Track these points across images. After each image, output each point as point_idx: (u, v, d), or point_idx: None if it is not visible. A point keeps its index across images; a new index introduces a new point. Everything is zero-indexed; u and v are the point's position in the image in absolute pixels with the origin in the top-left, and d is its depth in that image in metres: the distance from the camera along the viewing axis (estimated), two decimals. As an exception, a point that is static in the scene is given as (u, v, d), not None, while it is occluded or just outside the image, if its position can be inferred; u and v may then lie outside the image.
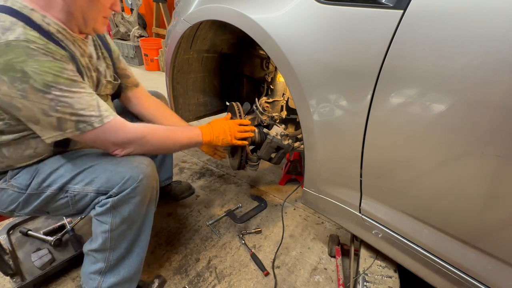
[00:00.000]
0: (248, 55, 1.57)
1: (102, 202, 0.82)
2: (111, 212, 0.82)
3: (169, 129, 0.95)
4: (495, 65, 0.54)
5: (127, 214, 0.83)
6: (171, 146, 0.96)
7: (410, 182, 0.76)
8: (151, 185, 0.86)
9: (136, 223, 0.88)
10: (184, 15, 1.19)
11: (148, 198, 0.87)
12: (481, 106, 0.58)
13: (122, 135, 0.81)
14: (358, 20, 0.71)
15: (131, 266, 0.93)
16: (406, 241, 0.81)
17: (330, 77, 0.79)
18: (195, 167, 1.90)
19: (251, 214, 1.50)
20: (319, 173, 0.96)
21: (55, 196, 0.83)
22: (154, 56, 3.87)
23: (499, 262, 0.66)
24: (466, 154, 0.63)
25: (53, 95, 0.68)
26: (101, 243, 0.85)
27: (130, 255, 0.92)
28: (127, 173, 0.81)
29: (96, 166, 0.82)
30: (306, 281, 1.17)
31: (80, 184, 0.81)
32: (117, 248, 0.88)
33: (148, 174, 0.84)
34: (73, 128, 0.73)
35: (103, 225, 0.84)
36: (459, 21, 0.57)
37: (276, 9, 0.86)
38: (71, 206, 0.84)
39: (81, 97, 0.72)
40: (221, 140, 1.07)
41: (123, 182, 0.80)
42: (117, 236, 0.85)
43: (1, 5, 0.68)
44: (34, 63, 0.65)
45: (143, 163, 0.85)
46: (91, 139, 0.77)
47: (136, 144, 0.84)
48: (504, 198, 0.61)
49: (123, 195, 0.81)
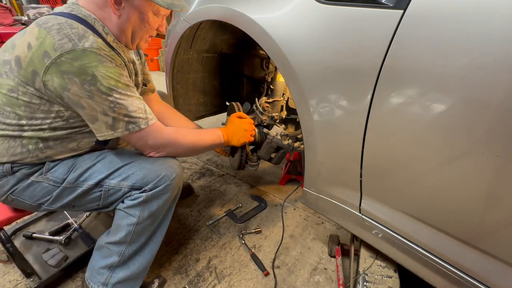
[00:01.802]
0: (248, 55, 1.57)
1: (134, 196, 0.86)
2: (142, 206, 0.87)
3: (196, 133, 1.00)
4: (495, 65, 0.54)
5: (155, 209, 0.89)
6: (199, 149, 1.01)
7: (410, 182, 0.76)
8: (179, 184, 0.95)
9: (158, 218, 0.94)
10: (184, 15, 1.19)
11: (174, 196, 0.95)
12: (481, 106, 0.58)
13: (161, 138, 0.87)
14: (358, 20, 0.71)
15: (142, 262, 0.96)
16: (406, 241, 0.81)
17: (330, 77, 0.79)
18: (195, 167, 1.90)
19: (251, 214, 1.50)
20: (319, 173, 0.96)
21: (89, 190, 0.87)
22: (154, 56, 3.87)
23: (499, 262, 0.66)
24: (466, 154, 0.63)
25: (113, 97, 0.75)
26: (123, 235, 0.89)
27: (143, 250, 0.96)
28: (162, 171, 0.88)
29: (133, 164, 0.88)
30: (306, 281, 1.17)
31: (116, 180, 0.86)
32: (135, 242, 0.92)
33: (179, 173, 0.93)
34: (123, 128, 0.79)
35: (130, 217, 0.87)
36: (459, 21, 0.57)
37: (276, 9, 0.86)
38: (101, 200, 0.88)
39: (133, 101, 0.80)
40: (238, 140, 1.10)
41: (159, 179, 0.86)
42: (140, 230, 0.90)
43: (67, 12, 0.76)
44: (102, 68, 0.73)
45: (176, 164, 0.93)
46: (136, 139, 0.84)
47: (170, 147, 0.91)
48: (504, 198, 0.61)
49: (157, 191, 0.87)
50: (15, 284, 1.09)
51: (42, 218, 1.37)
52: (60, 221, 1.34)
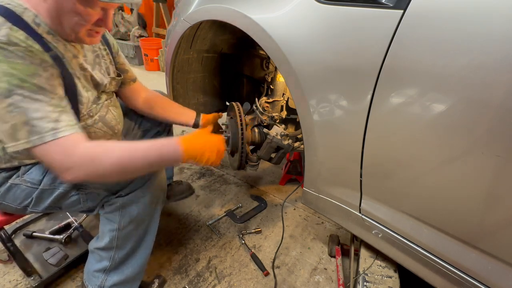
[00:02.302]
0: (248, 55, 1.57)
1: (111, 201, 0.83)
2: (120, 211, 0.83)
3: (132, 146, 0.74)
4: (495, 65, 0.54)
5: (136, 214, 0.85)
6: (133, 169, 0.74)
7: (410, 182, 0.76)
8: (160, 185, 0.88)
9: (144, 223, 0.89)
10: (184, 15, 1.19)
11: (156, 199, 0.89)
12: (481, 106, 0.58)
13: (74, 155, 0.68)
14: (358, 20, 0.71)
15: (135, 266, 0.93)
16: (406, 241, 0.81)
17: (330, 77, 0.79)
18: (195, 167, 1.90)
19: (251, 214, 1.50)
20: (319, 173, 0.96)
21: (67, 193, 0.83)
22: (154, 56, 3.87)
23: (499, 262, 0.66)
24: (466, 154, 0.63)
25: (12, 99, 0.62)
26: (108, 241, 0.86)
27: (135, 254, 0.93)
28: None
29: None
30: (306, 281, 1.17)
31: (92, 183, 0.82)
32: (123, 247, 0.89)
33: (156, 174, 0.86)
34: (25, 139, 0.64)
35: (111, 223, 0.85)
36: (459, 21, 0.57)
37: (276, 9, 0.86)
38: (82, 203, 0.85)
39: (41, 106, 0.65)
40: (206, 160, 0.84)
41: (134, 182, 0.82)
42: (124, 235, 0.86)
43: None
44: (5, 64, 0.62)
45: None
46: (41, 154, 0.67)
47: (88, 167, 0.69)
48: (504, 198, 0.61)
49: (133, 195, 0.82)
50: (15, 284, 1.09)
51: (42, 217, 1.37)
52: (61, 220, 1.34)
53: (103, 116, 0.92)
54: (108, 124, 0.93)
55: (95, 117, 0.88)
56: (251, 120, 1.35)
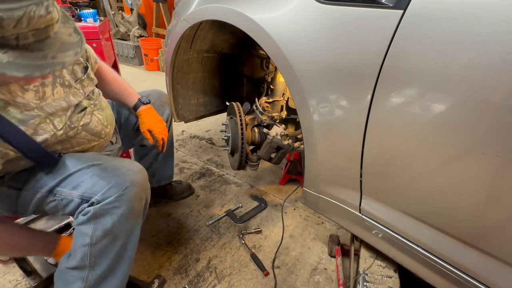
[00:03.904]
0: (248, 55, 1.57)
1: (85, 211, 0.74)
2: (93, 222, 0.74)
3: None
4: (495, 65, 0.54)
5: (110, 226, 0.75)
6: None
7: (410, 182, 0.76)
8: (139, 196, 0.78)
9: (120, 238, 0.79)
10: (184, 15, 1.19)
11: (135, 210, 0.78)
12: (481, 106, 0.58)
13: None
14: (358, 20, 0.71)
15: (115, 284, 0.82)
16: (406, 241, 0.81)
17: (330, 77, 0.79)
18: (195, 167, 1.90)
19: (251, 214, 1.50)
20: (319, 173, 0.96)
21: (45, 199, 0.79)
22: (154, 56, 3.87)
23: (499, 262, 0.66)
24: (466, 154, 0.63)
25: None
26: (79, 259, 0.76)
27: (113, 273, 0.81)
28: (112, 179, 0.75)
29: (85, 170, 0.77)
30: (306, 281, 1.17)
31: (67, 188, 0.76)
32: (97, 266, 0.78)
33: (136, 182, 0.77)
34: None
35: (83, 237, 0.75)
36: (459, 21, 0.57)
37: (276, 9, 0.86)
38: (60, 209, 0.79)
39: None
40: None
41: (107, 189, 0.73)
42: (97, 251, 0.76)
43: None
44: None
45: (132, 169, 0.79)
46: None
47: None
48: (504, 198, 0.61)
49: (106, 203, 0.73)
50: (15, 284, 1.09)
51: (43, 217, 1.37)
52: (61, 220, 1.34)
53: (86, 125, 0.87)
54: (92, 131, 0.89)
55: (78, 128, 0.84)
56: (251, 120, 1.35)
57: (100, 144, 0.96)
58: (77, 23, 1.86)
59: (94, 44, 1.44)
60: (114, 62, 1.82)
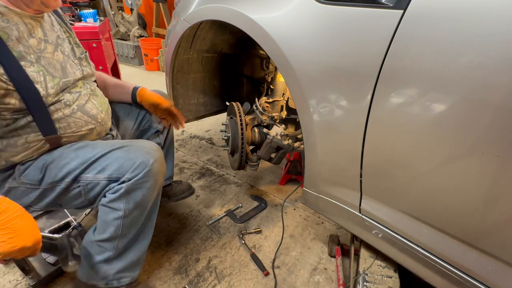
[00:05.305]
0: (248, 55, 1.57)
1: (114, 189, 0.82)
2: (125, 197, 0.82)
3: None
4: (496, 65, 0.54)
5: (140, 198, 0.85)
6: None
7: (410, 182, 0.76)
8: (161, 170, 0.88)
9: (147, 208, 0.90)
10: (184, 15, 1.19)
11: (159, 182, 0.89)
12: (481, 106, 0.58)
13: None
14: (358, 20, 0.71)
15: (139, 250, 0.94)
16: (406, 241, 0.81)
17: (330, 77, 0.79)
18: (195, 167, 1.90)
19: (251, 214, 1.50)
20: (319, 173, 0.96)
21: (68, 187, 0.84)
22: (154, 56, 3.87)
23: (499, 262, 0.66)
24: (466, 154, 0.63)
25: None
26: (112, 231, 0.86)
27: (138, 240, 0.93)
28: (138, 158, 0.83)
29: (107, 155, 0.84)
30: (306, 281, 1.17)
31: (91, 173, 0.82)
32: (127, 235, 0.88)
33: (157, 158, 0.86)
34: None
35: (115, 212, 0.84)
36: (459, 21, 0.57)
37: (276, 9, 0.86)
38: (83, 196, 0.85)
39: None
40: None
41: (135, 167, 0.82)
42: (129, 222, 0.86)
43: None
44: None
45: (152, 149, 0.87)
46: None
47: None
48: (504, 198, 0.61)
49: (136, 180, 0.82)
50: (15, 284, 1.09)
51: (42, 216, 1.37)
52: (60, 219, 1.34)
53: (82, 106, 0.91)
54: (88, 113, 0.92)
55: (73, 106, 0.88)
56: (251, 120, 1.36)
57: (98, 130, 0.97)
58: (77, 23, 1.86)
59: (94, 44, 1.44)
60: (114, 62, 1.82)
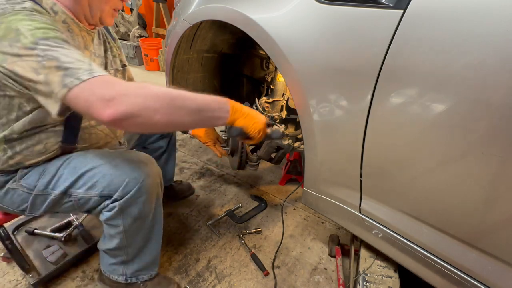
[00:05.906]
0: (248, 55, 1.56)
1: (109, 207, 0.80)
2: (121, 215, 0.82)
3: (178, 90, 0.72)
4: (495, 65, 0.54)
5: (137, 213, 0.83)
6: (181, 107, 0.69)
7: (410, 182, 0.76)
8: (155, 182, 0.84)
9: (148, 218, 0.89)
10: (184, 15, 1.19)
11: (154, 194, 0.86)
12: (481, 106, 0.58)
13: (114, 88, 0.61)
14: (358, 20, 0.71)
15: (151, 252, 0.96)
16: (406, 241, 0.81)
17: (330, 77, 0.79)
18: (195, 167, 1.90)
19: (251, 214, 1.50)
20: (319, 173, 0.96)
21: (60, 200, 0.82)
22: (154, 56, 3.87)
23: (499, 262, 0.66)
24: (466, 154, 0.63)
25: (39, 50, 0.60)
26: (118, 242, 0.88)
27: (148, 244, 0.94)
28: (127, 175, 0.78)
29: (95, 170, 0.79)
30: (306, 281, 1.17)
31: (82, 189, 0.80)
32: (133, 243, 0.90)
33: (149, 172, 0.81)
34: (60, 86, 0.60)
35: (115, 228, 0.85)
36: (459, 21, 0.57)
37: (276, 9, 0.86)
38: (77, 208, 0.84)
39: (70, 52, 0.63)
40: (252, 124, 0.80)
41: (125, 184, 0.78)
42: (131, 234, 0.87)
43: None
44: (29, 21, 0.62)
45: (142, 161, 0.82)
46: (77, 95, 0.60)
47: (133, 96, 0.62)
48: (504, 198, 0.61)
49: (128, 198, 0.79)
50: (15, 284, 1.09)
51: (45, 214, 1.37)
52: (62, 218, 1.34)
53: None
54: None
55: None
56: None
57: (113, 143, 1.00)
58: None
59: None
60: (114, 62, 1.83)
